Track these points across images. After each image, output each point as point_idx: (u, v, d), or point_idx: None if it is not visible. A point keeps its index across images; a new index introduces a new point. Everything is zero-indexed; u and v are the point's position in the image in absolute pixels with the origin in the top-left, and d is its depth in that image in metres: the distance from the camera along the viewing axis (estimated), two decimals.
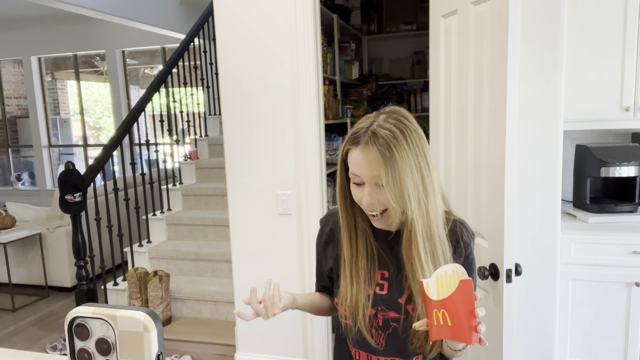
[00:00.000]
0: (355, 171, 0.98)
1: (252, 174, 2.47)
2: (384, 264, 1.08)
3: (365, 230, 1.08)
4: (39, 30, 6.80)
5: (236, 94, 2.43)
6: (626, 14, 2.16)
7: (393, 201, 0.94)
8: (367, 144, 0.95)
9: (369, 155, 0.95)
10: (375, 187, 0.97)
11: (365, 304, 1.05)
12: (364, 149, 0.96)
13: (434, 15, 1.97)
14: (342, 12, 3.71)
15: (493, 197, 1.54)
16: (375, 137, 0.95)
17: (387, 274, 1.08)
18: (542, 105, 1.86)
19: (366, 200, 0.98)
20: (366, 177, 0.97)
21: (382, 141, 0.94)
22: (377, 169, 0.94)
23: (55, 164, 7.40)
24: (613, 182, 2.41)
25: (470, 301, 0.85)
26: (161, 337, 0.52)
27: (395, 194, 0.94)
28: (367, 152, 0.95)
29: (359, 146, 0.97)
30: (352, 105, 3.86)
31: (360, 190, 1.00)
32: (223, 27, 2.40)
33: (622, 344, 2.13)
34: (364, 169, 0.96)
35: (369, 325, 1.06)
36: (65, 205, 2.86)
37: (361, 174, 0.97)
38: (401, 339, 1.05)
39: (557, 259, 1.95)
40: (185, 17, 5.49)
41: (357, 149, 0.97)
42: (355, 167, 0.98)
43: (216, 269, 3.38)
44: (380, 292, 1.07)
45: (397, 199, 0.94)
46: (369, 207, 0.99)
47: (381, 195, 0.96)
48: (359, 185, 1.00)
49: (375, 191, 0.97)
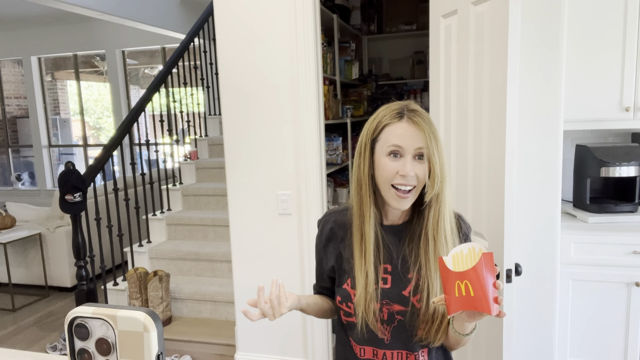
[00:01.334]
0: (400, 142, 1.01)
1: (252, 174, 2.47)
2: (386, 258, 1.09)
3: (376, 221, 1.09)
4: (39, 30, 6.80)
5: (236, 94, 2.43)
6: (626, 14, 2.16)
7: (439, 169, 1.00)
8: (413, 117, 1.01)
9: (416, 127, 1.00)
10: (414, 160, 1.01)
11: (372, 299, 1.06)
12: (410, 121, 1.01)
13: (434, 15, 1.97)
14: (342, 12, 3.70)
15: (493, 197, 1.54)
16: (418, 113, 1.02)
17: (390, 267, 1.09)
18: (542, 105, 1.86)
19: (407, 169, 1.00)
20: (410, 148, 1.00)
21: (427, 118, 1.02)
22: (426, 141, 0.99)
23: (55, 164, 7.40)
24: (613, 182, 2.40)
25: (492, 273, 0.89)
26: (161, 337, 0.52)
27: (440, 164, 1.00)
28: (414, 124, 1.01)
29: (403, 119, 1.02)
30: (352, 105, 3.86)
31: (398, 163, 1.01)
32: (223, 27, 2.40)
33: (622, 343, 2.13)
34: (409, 139, 1.00)
35: (374, 320, 1.07)
36: (65, 205, 2.86)
37: (406, 145, 1.00)
38: (407, 331, 1.06)
39: (557, 259, 1.95)
40: (185, 17, 5.49)
41: (401, 122, 1.02)
42: (399, 138, 1.01)
43: (216, 269, 3.38)
44: (384, 286, 1.08)
45: (440, 170, 1.00)
46: (405, 179, 1.01)
47: (419, 167, 1.01)
48: (395, 158, 1.02)
49: (414, 163, 1.01)
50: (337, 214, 1.18)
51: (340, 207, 1.20)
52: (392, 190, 1.03)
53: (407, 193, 1.02)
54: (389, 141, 1.02)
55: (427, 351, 1.09)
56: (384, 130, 1.03)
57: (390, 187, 1.02)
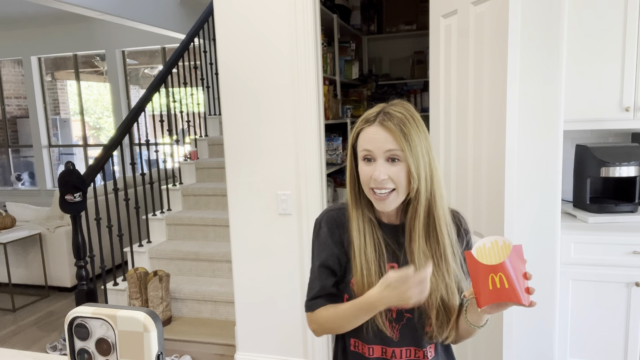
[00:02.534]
0: (369, 146, 1.02)
1: (252, 174, 2.47)
2: (392, 257, 1.10)
3: (371, 220, 1.10)
4: (39, 30, 6.80)
5: (236, 94, 2.43)
6: (626, 14, 2.16)
7: (413, 170, 1.00)
8: (383, 121, 1.01)
9: (385, 130, 1.01)
10: (387, 163, 1.02)
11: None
12: (379, 125, 1.02)
13: (434, 15, 1.97)
14: (342, 12, 3.70)
15: (493, 197, 1.54)
16: (390, 116, 1.02)
17: (397, 266, 1.08)
18: (542, 105, 1.86)
19: (377, 173, 1.00)
20: (380, 151, 1.01)
21: (398, 120, 1.01)
22: (394, 141, 1.00)
23: (55, 164, 7.40)
24: (613, 182, 2.40)
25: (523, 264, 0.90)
26: (161, 337, 0.52)
27: (414, 164, 1.00)
28: (383, 127, 1.01)
29: (374, 123, 1.03)
30: (352, 105, 3.86)
31: (371, 166, 1.03)
32: (223, 27, 2.40)
33: (622, 343, 2.13)
34: (378, 142, 1.01)
35: (383, 318, 1.07)
36: (65, 205, 2.86)
37: (374, 148, 1.01)
38: (416, 329, 1.08)
39: (557, 259, 1.95)
40: (185, 17, 5.49)
41: (372, 126, 1.03)
42: (369, 142, 1.02)
43: (216, 269, 3.38)
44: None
45: (416, 169, 1.00)
46: (379, 183, 1.01)
47: (392, 170, 1.01)
48: (369, 162, 1.03)
49: (387, 166, 1.02)
50: (335, 211, 1.17)
51: (337, 204, 1.19)
52: (372, 194, 1.04)
53: (386, 195, 1.03)
54: (362, 146, 1.04)
55: (434, 347, 1.11)
56: (359, 136, 1.06)
57: (370, 190, 1.04)
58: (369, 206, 1.10)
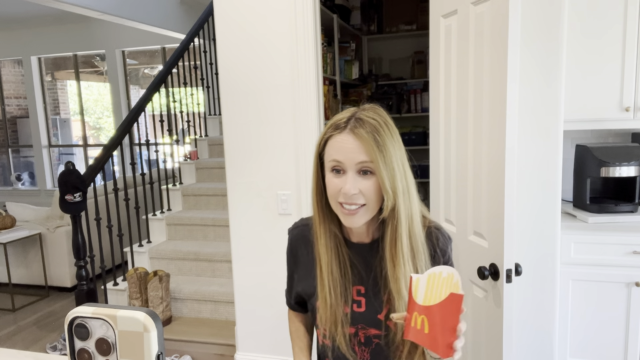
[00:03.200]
0: (339, 157, 0.92)
1: (252, 174, 2.47)
2: (358, 279, 1.02)
3: (337, 237, 1.01)
4: (39, 30, 6.80)
5: (236, 94, 2.43)
6: (626, 14, 2.16)
7: (388, 185, 0.90)
8: (355, 128, 0.91)
9: (358, 139, 0.90)
10: (358, 176, 0.92)
11: (345, 323, 1.00)
12: (351, 133, 0.91)
13: (434, 15, 1.97)
14: (342, 12, 3.71)
15: (493, 197, 1.54)
16: (362, 122, 0.91)
17: (363, 289, 1.02)
18: (542, 106, 1.86)
19: (348, 187, 0.90)
20: (351, 163, 0.91)
21: (371, 127, 0.91)
22: (367, 153, 0.90)
23: (55, 164, 7.40)
24: (613, 182, 2.40)
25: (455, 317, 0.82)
26: (161, 337, 0.52)
27: (389, 178, 0.90)
28: (355, 136, 0.90)
29: (344, 131, 0.92)
30: (352, 105, 3.86)
31: (341, 179, 0.92)
32: (223, 27, 2.40)
33: (622, 343, 2.13)
34: (350, 153, 0.90)
35: (350, 344, 1.01)
36: (65, 205, 2.86)
37: (345, 159, 0.91)
38: (386, 353, 1.02)
39: (557, 259, 1.95)
40: (185, 17, 5.49)
41: (342, 134, 0.92)
42: (339, 152, 0.91)
43: (216, 269, 3.38)
44: (358, 309, 1.01)
45: (390, 183, 0.90)
46: (348, 198, 0.92)
47: (364, 184, 0.91)
48: (338, 174, 0.93)
49: (358, 179, 0.92)
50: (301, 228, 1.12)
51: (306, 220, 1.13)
52: (340, 208, 0.94)
53: (355, 211, 0.93)
54: (330, 156, 0.93)
55: None
56: (327, 144, 0.95)
57: (338, 204, 0.94)
58: (336, 221, 1.01)
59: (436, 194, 2.03)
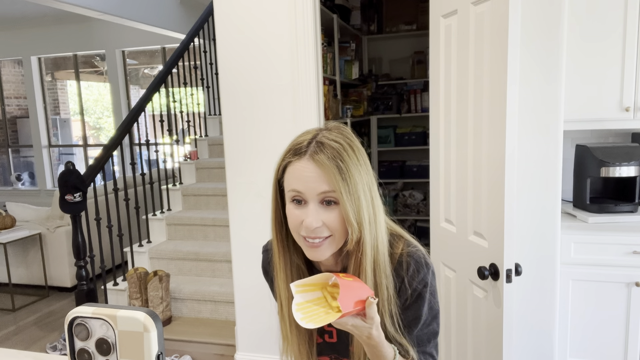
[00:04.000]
0: (298, 187, 0.83)
1: (252, 174, 2.47)
2: None
3: (300, 269, 0.94)
4: (39, 30, 6.80)
5: (236, 94, 2.43)
6: (626, 13, 2.16)
7: (352, 217, 0.82)
8: (315, 154, 0.82)
9: (319, 166, 0.82)
10: (320, 207, 0.84)
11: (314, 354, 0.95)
12: (311, 160, 0.83)
13: (434, 15, 1.97)
14: (342, 12, 3.71)
15: (493, 197, 1.54)
16: (323, 147, 0.83)
17: None
18: (542, 106, 1.86)
19: (310, 221, 0.82)
20: (312, 193, 0.83)
21: (333, 152, 0.82)
22: (329, 182, 0.82)
23: (55, 164, 7.40)
24: (613, 182, 2.40)
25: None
26: (161, 337, 0.52)
27: (353, 209, 0.82)
28: (315, 163, 0.82)
29: (304, 157, 0.84)
30: (352, 105, 3.87)
31: (302, 211, 0.84)
32: (223, 27, 2.40)
33: (622, 343, 2.13)
34: (310, 182, 0.82)
35: None
36: (65, 205, 2.86)
37: (305, 189, 0.83)
38: None
39: (557, 259, 1.95)
40: (185, 17, 5.49)
41: (301, 160, 0.84)
42: (299, 181, 0.83)
43: (216, 269, 3.38)
44: (330, 339, 0.97)
45: (355, 215, 0.82)
46: (311, 232, 0.84)
47: (327, 215, 0.84)
48: (299, 205, 0.85)
49: (321, 211, 0.84)
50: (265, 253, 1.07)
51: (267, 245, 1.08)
52: (303, 241, 0.87)
53: (319, 244, 0.85)
54: (290, 185, 0.85)
55: None
56: (286, 171, 0.86)
57: (301, 237, 0.86)
58: (299, 252, 0.93)
59: (436, 194, 2.03)
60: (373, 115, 4.46)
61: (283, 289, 0.93)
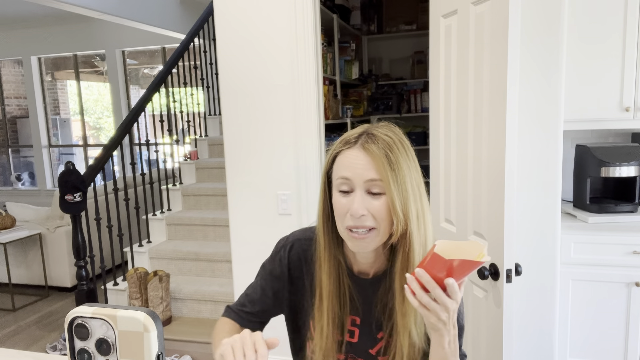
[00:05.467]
0: (347, 174, 0.85)
1: (252, 174, 2.47)
2: (355, 310, 0.96)
3: (340, 265, 0.95)
4: (39, 30, 6.80)
5: (236, 94, 2.43)
6: (626, 13, 2.16)
7: (398, 207, 0.82)
8: (367, 143, 0.85)
9: (369, 155, 0.84)
10: (367, 196, 0.85)
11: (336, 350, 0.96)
12: (361, 149, 0.85)
13: (434, 15, 1.97)
14: (342, 12, 3.71)
15: (493, 197, 1.54)
16: (375, 138, 0.85)
17: (358, 320, 0.97)
18: (542, 105, 1.86)
19: (356, 207, 0.83)
20: (360, 181, 0.84)
21: (384, 143, 0.84)
22: (377, 170, 0.83)
23: (55, 164, 7.40)
24: (613, 182, 2.40)
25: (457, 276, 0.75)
26: (161, 337, 0.52)
27: (400, 200, 0.83)
28: (366, 152, 0.84)
29: (355, 146, 0.86)
30: (352, 105, 3.86)
31: (348, 199, 0.85)
32: (223, 27, 2.40)
33: (622, 344, 2.13)
34: (359, 169, 0.84)
35: None
36: (65, 205, 2.86)
37: (354, 176, 0.84)
38: None
39: (557, 259, 1.95)
40: (185, 17, 5.49)
41: (352, 149, 0.86)
42: (348, 169, 0.85)
43: (216, 269, 3.38)
44: (351, 339, 0.97)
45: (401, 205, 0.83)
46: (356, 220, 0.84)
47: (373, 204, 0.84)
48: (346, 194, 0.86)
49: (367, 199, 0.85)
50: (305, 241, 1.02)
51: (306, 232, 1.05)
52: (347, 232, 0.87)
53: (364, 235, 0.85)
54: (338, 173, 0.87)
55: None
56: (336, 161, 0.88)
57: (346, 229, 0.87)
58: (342, 248, 0.95)
59: (436, 194, 2.03)
60: (373, 115, 4.46)
61: (325, 283, 0.93)
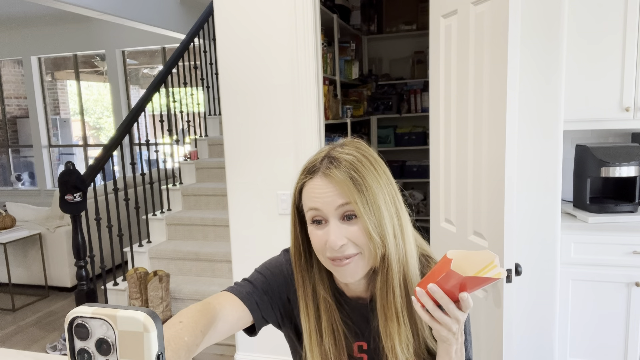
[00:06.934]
0: (316, 205, 0.80)
1: (252, 174, 2.47)
2: (358, 336, 0.91)
3: (327, 303, 0.88)
4: (39, 30, 6.80)
5: (236, 94, 2.43)
6: (626, 12, 2.16)
7: (373, 230, 0.78)
8: (328, 169, 0.79)
9: (332, 182, 0.78)
10: (342, 224, 0.80)
11: None
12: (324, 176, 0.79)
13: (434, 15, 1.97)
14: (342, 12, 3.71)
15: (493, 197, 1.54)
16: (337, 161, 0.80)
17: (365, 345, 0.91)
18: (542, 105, 1.86)
19: (333, 239, 0.78)
20: (330, 209, 0.79)
21: (346, 164, 0.79)
22: (343, 194, 0.78)
23: (55, 164, 7.40)
24: (613, 182, 2.40)
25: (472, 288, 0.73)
26: (161, 337, 0.52)
27: (374, 222, 0.78)
28: (329, 179, 0.79)
29: (317, 175, 0.80)
30: (352, 105, 3.87)
31: (324, 231, 0.80)
32: (223, 27, 2.40)
33: (622, 343, 2.13)
34: (327, 198, 0.79)
35: None
36: (65, 205, 2.86)
37: (323, 206, 0.79)
38: None
39: (557, 259, 1.95)
40: (185, 17, 5.49)
41: (315, 179, 0.81)
42: (316, 200, 0.80)
43: (216, 269, 3.38)
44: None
45: (376, 228, 0.78)
46: (336, 251, 0.79)
47: (350, 230, 0.79)
48: (320, 225, 0.81)
49: (343, 228, 0.79)
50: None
51: None
52: (330, 263, 0.82)
53: (348, 262, 0.80)
54: (307, 205, 0.82)
55: None
56: (302, 193, 0.84)
57: (328, 259, 0.82)
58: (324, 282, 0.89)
59: (436, 194, 2.03)
60: (373, 115, 4.46)
61: (304, 321, 0.88)
